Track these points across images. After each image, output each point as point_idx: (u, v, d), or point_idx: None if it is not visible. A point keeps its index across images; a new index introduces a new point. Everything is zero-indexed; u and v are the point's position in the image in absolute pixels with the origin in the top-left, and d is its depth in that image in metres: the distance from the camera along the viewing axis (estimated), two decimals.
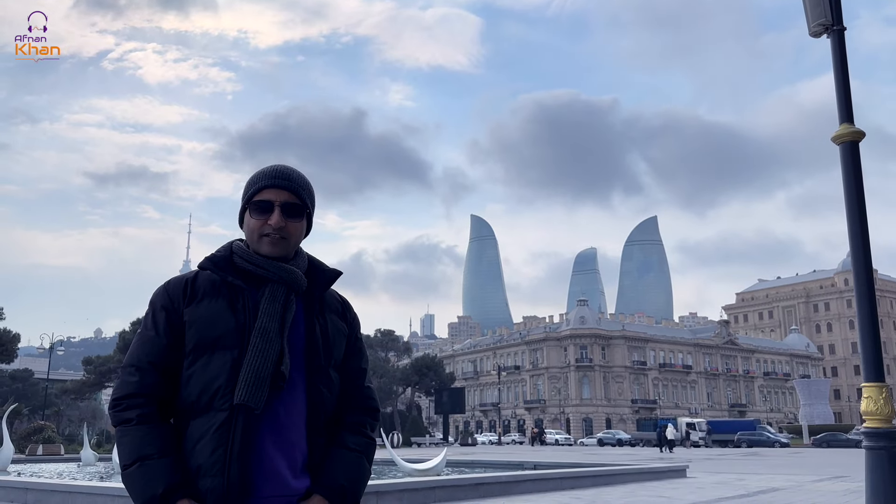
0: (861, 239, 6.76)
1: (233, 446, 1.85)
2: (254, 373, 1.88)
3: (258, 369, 1.88)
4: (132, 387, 1.92)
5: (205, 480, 1.84)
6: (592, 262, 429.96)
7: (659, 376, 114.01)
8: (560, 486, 14.63)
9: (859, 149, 7.04)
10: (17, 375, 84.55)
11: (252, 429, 1.88)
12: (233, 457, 1.84)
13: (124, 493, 10.58)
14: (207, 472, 1.84)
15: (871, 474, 6.34)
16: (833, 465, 26.42)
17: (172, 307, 1.99)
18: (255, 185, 2.07)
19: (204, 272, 2.06)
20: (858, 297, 6.79)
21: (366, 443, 2.06)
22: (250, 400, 1.86)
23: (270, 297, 1.99)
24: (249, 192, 2.07)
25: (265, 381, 1.88)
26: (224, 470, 1.83)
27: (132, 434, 1.88)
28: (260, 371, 1.88)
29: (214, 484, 1.83)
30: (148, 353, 1.96)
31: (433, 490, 11.98)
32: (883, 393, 6.44)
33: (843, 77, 7.16)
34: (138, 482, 1.84)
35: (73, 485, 12.29)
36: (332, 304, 2.14)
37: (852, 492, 13.79)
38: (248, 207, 2.07)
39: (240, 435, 1.85)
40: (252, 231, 2.05)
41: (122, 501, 10.37)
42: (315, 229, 2.24)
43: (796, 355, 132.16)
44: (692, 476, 18.94)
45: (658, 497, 13.02)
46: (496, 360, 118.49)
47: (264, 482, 1.88)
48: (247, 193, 2.08)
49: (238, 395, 1.86)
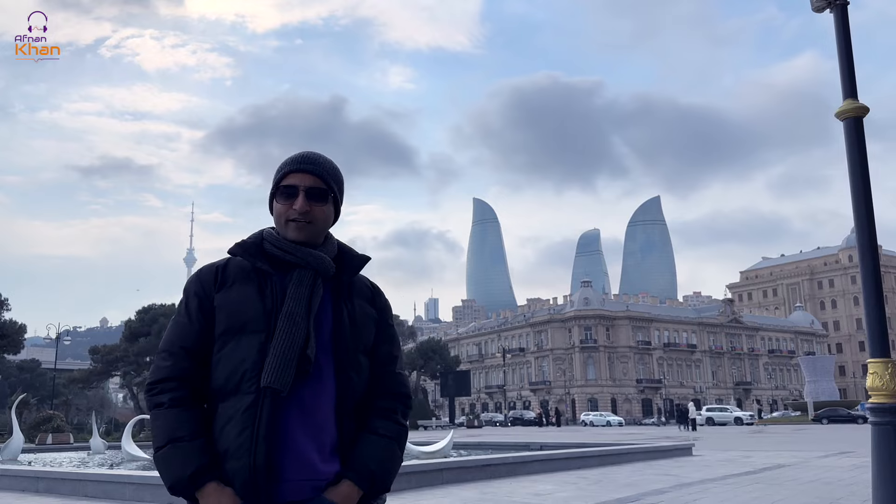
0: (866, 215, 6.74)
1: (259, 429, 1.86)
2: (280, 356, 1.90)
3: (284, 352, 1.90)
4: (165, 371, 1.97)
5: (231, 462, 1.86)
6: (596, 243, 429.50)
7: (664, 356, 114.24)
8: (567, 467, 14.71)
9: (863, 124, 7.01)
10: (24, 366, 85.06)
11: (279, 412, 1.89)
12: (259, 439, 1.85)
13: (134, 480, 10.72)
14: (234, 454, 1.86)
15: (877, 449, 6.36)
16: (839, 440, 26.52)
17: (204, 293, 2.02)
18: (281, 170, 2.10)
19: (235, 258, 2.08)
20: (864, 272, 6.78)
21: (396, 429, 2.06)
22: (276, 382, 1.87)
23: (297, 282, 2.01)
24: (276, 177, 2.10)
25: (291, 364, 1.90)
26: (250, 452, 1.84)
27: (164, 417, 1.92)
28: (286, 354, 1.90)
29: (240, 466, 1.85)
30: (180, 338, 2.00)
31: (441, 472, 12.06)
32: (889, 368, 6.44)
33: (846, 52, 7.11)
34: (168, 464, 1.87)
35: (84, 473, 12.41)
36: (362, 290, 2.15)
37: (858, 466, 13.85)
38: (275, 193, 2.10)
39: (266, 417, 1.87)
40: (279, 216, 2.08)
41: (132, 488, 10.46)
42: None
43: (801, 332, 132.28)
44: (698, 454, 19.03)
45: (665, 475, 13.09)
46: (501, 343, 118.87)
47: (291, 465, 1.89)
48: (274, 179, 2.11)
49: (265, 378, 1.88)
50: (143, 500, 9.97)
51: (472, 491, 10.94)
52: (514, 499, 10.02)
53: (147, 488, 10.28)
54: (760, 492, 10.37)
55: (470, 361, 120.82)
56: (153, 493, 10.10)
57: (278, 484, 1.88)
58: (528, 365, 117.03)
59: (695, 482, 11.75)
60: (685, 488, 10.91)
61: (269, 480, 1.86)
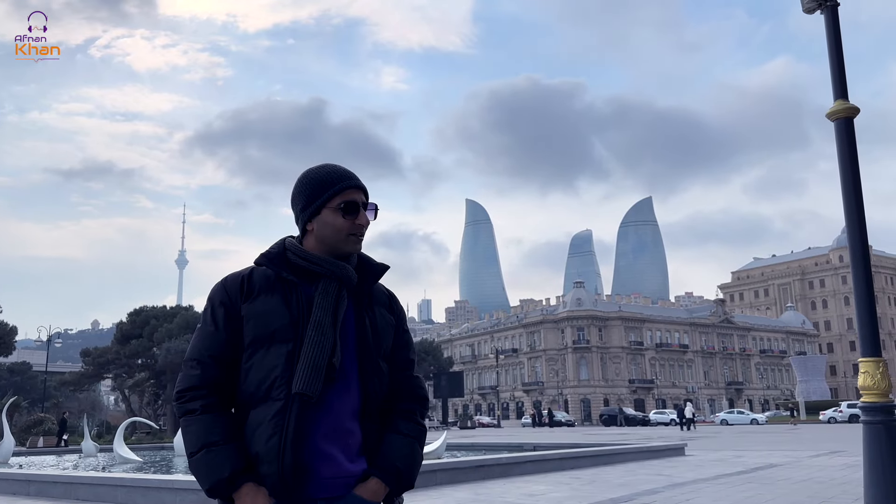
0: (857, 215, 6.78)
1: (287, 434, 1.94)
2: (311, 363, 1.98)
3: (315, 360, 1.98)
4: (194, 380, 2.04)
5: (262, 467, 1.94)
6: (588, 244, 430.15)
7: (656, 356, 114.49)
8: (560, 467, 14.73)
9: (854, 125, 7.05)
10: (15, 368, 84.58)
11: (306, 417, 1.98)
12: (286, 444, 1.93)
13: (126, 483, 10.67)
14: (264, 457, 1.94)
15: (868, 448, 6.40)
16: (831, 440, 26.65)
17: (230, 302, 2.09)
18: (336, 184, 2.15)
19: (259, 268, 2.15)
20: (855, 272, 6.82)
21: (417, 429, 2.16)
22: (307, 389, 1.96)
23: (323, 292, 2.08)
24: (329, 191, 2.14)
25: (321, 371, 1.98)
26: (279, 457, 1.92)
27: (197, 423, 1.99)
28: (316, 362, 1.98)
29: (270, 470, 1.93)
30: (208, 348, 2.06)
31: (434, 473, 12.05)
32: (880, 367, 6.48)
33: (837, 53, 7.14)
34: (205, 467, 1.95)
35: (76, 476, 12.33)
36: (380, 298, 2.23)
37: (850, 465, 13.92)
38: (330, 208, 2.14)
39: (294, 423, 1.95)
40: (339, 230, 2.14)
41: (123, 491, 10.41)
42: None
43: (792, 332, 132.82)
44: (691, 454, 19.09)
45: (657, 475, 13.12)
46: (494, 344, 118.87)
47: (321, 466, 1.98)
48: (324, 193, 2.14)
49: (296, 385, 1.96)
50: (136, 503, 9.91)
51: (466, 492, 10.93)
52: (508, 499, 10.02)
53: (138, 491, 10.23)
54: (753, 491, 10.40)
55: (463, 362, 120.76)
56: (144, 495, 10.06)
57: (309, 482, 1.96)
58: (521, 366, 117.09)
59: (687, 482, 11.78)
60: (678, 488, 10.94)
61: (300, 480, 1.95)
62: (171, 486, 9.94)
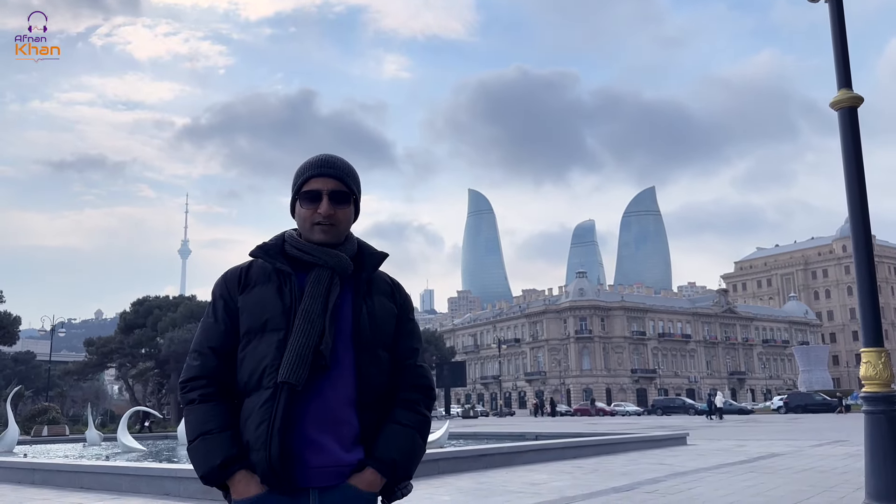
0: (860, 205, 6.76)
1: (274, 422, 1.95)
2: (296, 352, 1.99)
3: (300, 349, 1.99)
4: (195, 370, 2.09)
5: (252, 454, 1.97)
6: (591, 234, 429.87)
7: (658, 346, 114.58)
8: (562, 456, 14.77)
9: (857, 114, 7.01)
10: (19, 358, 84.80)
11: (295, 406, 1.99)
12: (273, 432, 1.94)
13: (130, 472, 10.74)
14: (254, 445, 1.97)
15: (869, 437, 6.41)
16: (834, 429, 26.68)
17: (229, 295, 2.14)
18: (302, 175, 2.17)
19: (258, 261, 2.18)
20: (858, 262, 6.80)
21: (418, 419, 2.13)
22: (291, 377, 1.96)
23: (315, 281, 2.09)
24: (298, 182, 2.18)
25: (306, 359, 1.98)
26: (266, 444, 1.94)
27: (195, 412, 2.05)
28: (301, 350, 1.99)
29: (259, 458, 1.95)
30: (208, 339, 2.12)
31: (437, 462, 12.09)
32: (882, 357, 6.48)
33: (841, 42, 7.10)
34: (199, 455, 2.01)
35: (80, 464, 12.40)
36: (381, 286, 2.22)
37: (851, 455, 13.94)
38: (297, 198, 2.18)
39: (281, 411, 1.96)
40: (304, 220, 2.16)
41: (128, 480, 10.47)
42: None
43: (795, 322, 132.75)
44: (693, 443, 19.13)
45: (659, 464, 13.16)
46: (496, 334, 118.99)
47: (312, 455, 1.98)
48: (295, 184, 2.19)
49: (281, 374, 1.97)
50: (139, 492, 9.97)
51: (468, 481, 10.97)
52: (510, 488, 10.05)
53: (143, 479, 10.29)
54: (755, 480, 10.43)
55: (465, 352, 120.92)
56: (149, 484, 10.12)
57: (301, 471, 1.97)
58: (523, 355, 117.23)
59: (689, 471, 11.81)
60: (680, 477, 10.97)
61: (291, 469, 1.96)
62: (174, 474, 10.01)
